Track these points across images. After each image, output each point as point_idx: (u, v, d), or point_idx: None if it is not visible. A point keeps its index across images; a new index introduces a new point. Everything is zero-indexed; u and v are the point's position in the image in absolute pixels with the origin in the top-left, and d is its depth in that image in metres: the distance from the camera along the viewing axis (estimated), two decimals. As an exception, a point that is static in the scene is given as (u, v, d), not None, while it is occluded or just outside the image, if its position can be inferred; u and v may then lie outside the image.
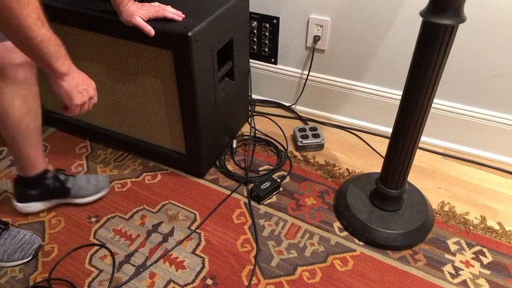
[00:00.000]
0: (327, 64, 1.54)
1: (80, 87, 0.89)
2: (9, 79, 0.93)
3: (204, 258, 1.13)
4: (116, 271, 1.10)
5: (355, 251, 1.15)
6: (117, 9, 1.07)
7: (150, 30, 1.07)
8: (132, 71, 1.24)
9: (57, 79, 0.85)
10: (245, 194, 1.32)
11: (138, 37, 1.09)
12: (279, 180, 1.33)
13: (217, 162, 1.43)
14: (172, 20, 1.11)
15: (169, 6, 1.13)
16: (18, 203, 1.21)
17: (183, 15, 1.13)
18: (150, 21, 1.09)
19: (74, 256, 1.14)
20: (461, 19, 0.85)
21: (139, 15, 1.07)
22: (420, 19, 0.89)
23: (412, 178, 1.36)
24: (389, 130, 1.18)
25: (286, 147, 1.50)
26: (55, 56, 0.81)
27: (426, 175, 1.39)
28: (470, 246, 1.16)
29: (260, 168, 1.41)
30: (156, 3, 1.13)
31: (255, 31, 1.60)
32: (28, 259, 1.11)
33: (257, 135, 1.56)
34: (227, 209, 1.27)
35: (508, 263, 1.12)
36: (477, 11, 1.21)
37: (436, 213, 1.25)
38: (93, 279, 1.08)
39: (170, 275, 1.09)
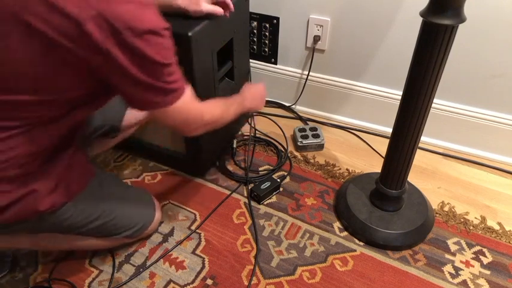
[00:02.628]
0: (327, 64, 1.54)
1: (257, 101, 1.19)
2: None
3: (204, 258, 1.13)
4: (116, 271, 1.10)
5: (355, 251, 1.15)
6: (179, 8, 1.06)
7: (221, 10, 1.06)
8: (132, 71, 1.24)
9: (249, 111, 1.23)
10: (245, 194, 1.32)
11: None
12: (279, 180, 1.33)
13: (217, 162, 1.43)
14: (174, 20, 1.10)
15: None
16: None
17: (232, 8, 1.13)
18: None
19: (74, 256, 1.14)
20: (461, 19, 0.85)
21: (203, 1, 1.06)
22: (420, 19, 0.89)
23: (412, 178, 1.36)
24: (389, 130, 1.17)
25: (286, 147, 1.50)
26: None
27: (426, 175, 1.39)
28: (470, 246, 1.16)
29: (260, 169, 1.41)
30: None
31: (255, 31, 1.60)
32: (4, 273, 1.08)
33: (257, 135, 1.56)
34: (227, 209, 1.27)
35: (508, 263, 1.12)
36: (477, 11, 1.21)
37: (436, 213, 1.25)
38: (93, 279, 1.08)
39: (170, 275, 1.09)
